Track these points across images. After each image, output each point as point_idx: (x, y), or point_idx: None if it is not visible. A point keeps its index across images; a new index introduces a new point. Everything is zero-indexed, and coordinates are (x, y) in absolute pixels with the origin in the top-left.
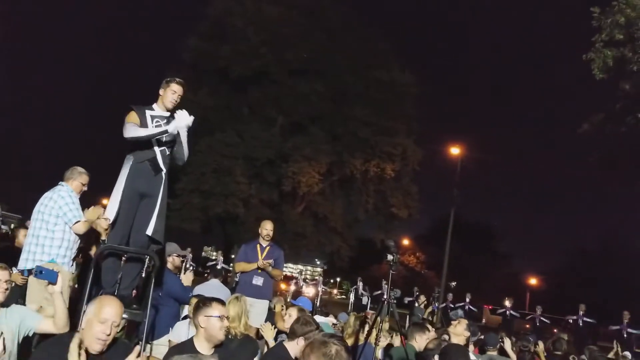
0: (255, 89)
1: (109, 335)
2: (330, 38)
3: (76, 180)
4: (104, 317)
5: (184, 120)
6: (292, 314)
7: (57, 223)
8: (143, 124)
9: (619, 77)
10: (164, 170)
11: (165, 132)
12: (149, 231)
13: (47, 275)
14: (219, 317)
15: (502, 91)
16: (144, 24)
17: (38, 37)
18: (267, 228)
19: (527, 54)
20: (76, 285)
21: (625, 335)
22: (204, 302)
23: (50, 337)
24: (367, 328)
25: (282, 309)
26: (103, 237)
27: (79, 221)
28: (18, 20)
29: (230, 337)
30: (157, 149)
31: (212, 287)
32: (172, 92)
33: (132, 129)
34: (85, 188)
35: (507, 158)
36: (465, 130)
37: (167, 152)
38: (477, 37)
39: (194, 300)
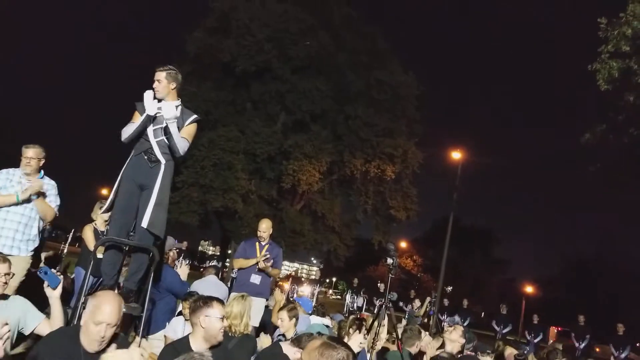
0: (258, 85)
1: (103, 337)
2: (333, 36)
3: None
4: (99, 319)
5: (167, 112)
6: (283, 317)
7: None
8: None
9: (623, 88)
10: (163, 161)
11: (148, 117)
12: (144, 223)
13: (51, 278)
14: (220, 317)
15: (506, 97)
16: (148, 16)
17: (35, 36)
18: (261, 228)
19: (532, 60)
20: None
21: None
22: (205, 301)
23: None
24: (363, 331)
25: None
26: (102, 229)
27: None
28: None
29: (230, 334)
30: (153, 140)
31: (210, 283)
32: (156, 81)
33: (124, 131)
34: (29, 162)
35: (508, 164)
36: (467, 135)
37: (167, 143)
38: (482, 41)
39: (190, 298)
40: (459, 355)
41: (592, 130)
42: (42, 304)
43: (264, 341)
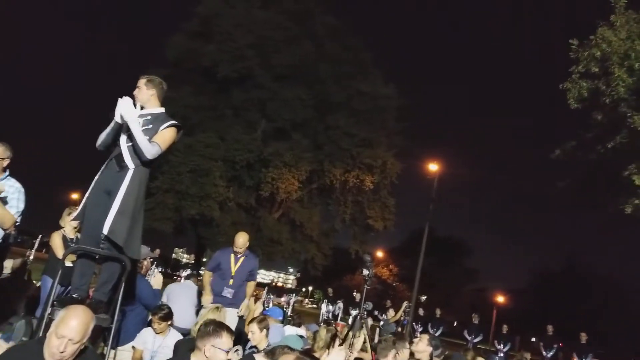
0: (239, 92)
1: (62, 352)
2: (317, 46)
3: None
4: (61, 332)
5: (121, 108)
6: (254, 329)
7: None
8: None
9: (592, 107)
10: (131, 167)
11: (115, 123)
12: (105, 230)
13: None
14: (226, 351)
15: (480, 111)
16: (126, 18)
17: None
18: (238, 244)
19: (507, 77)
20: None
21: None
22: (215, 329)
23: None
24: (337, 342)
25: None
26: (71, 236)
27: None
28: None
29: None
30: (123, 145)
31: (184, 286)
32: (136, 88)
33: (99, 137)
34: None
35: (482, 177)
36: (444, 147)
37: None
38: (459, 55)
39: (160, 312)
40: None
41: (562, 147)
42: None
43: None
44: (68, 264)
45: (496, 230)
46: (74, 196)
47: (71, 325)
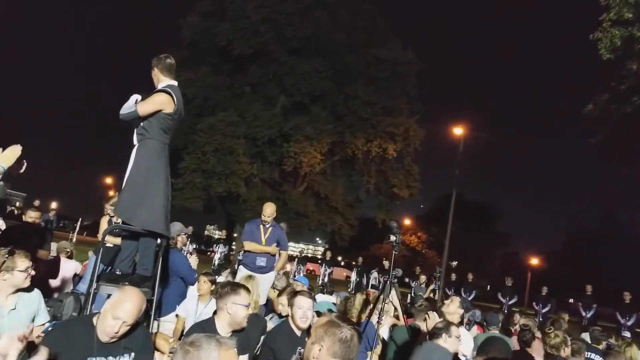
0: (256, 68)
1: (117, 332)
2: (330, 15)
3: None
4: (117, 314)
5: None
6: (283, 302)
7: None
8: None
9: (626, 57)
10: (135, 143)
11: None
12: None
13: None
14: (245, 305)
15: (506, 71)
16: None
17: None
18: (266, 213)
19: (532, 31)
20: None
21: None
22: (233, 288)
23: None
24: (369, 307)
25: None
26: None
27: None
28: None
29: None
30: (134, 129)
31: None
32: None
33: (123, 107)
34: None
35: (509, 137)
36: (468, 110)
37: (141, 123)
38: (481, 14)
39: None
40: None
41: (594, 101)
42: None
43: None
44: (109, 244)
45: (527, 192)
46: (108, 180)
47: (126, 308)
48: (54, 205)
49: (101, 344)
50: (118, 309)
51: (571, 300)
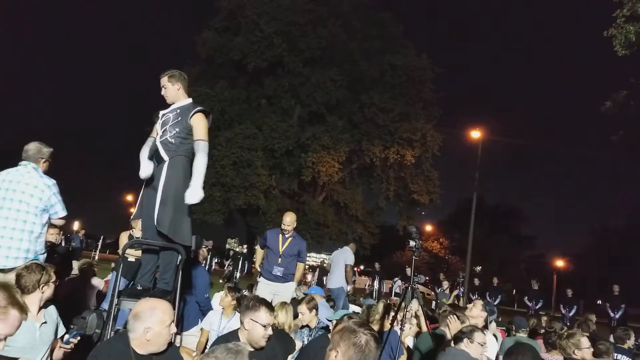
0: (271, 80)
1: (173, 332)
2: (343, 24)
3: (47, 162)
4: (161, 319)
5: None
6: (303, 311)
7: (42, 214)
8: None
9: None
10: (167, 159)
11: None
12: (154, 222)
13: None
14: (264, 325)
15: (523, 72)
16: (155, 21)
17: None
18: (285, 222)
19: (547, 31)
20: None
21: None
22: (254, 304)
23: None
24: (392, 314)
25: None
26: (138, 235)
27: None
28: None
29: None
30: (158, 141)
31: None
32: (162, 89)
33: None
34: None
35: (528, 139)
36: (486, 112)
37: (171, 140)
38: (495, 15)
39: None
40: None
41: (613, 98)
42: None
43: None
44: (131, 259)
45: (550, 194)
46: (129, 198)
47: (164, 310)
48: (76, 226)
49: (138, 356)
50: (155, 318)
51: (599, 302)
